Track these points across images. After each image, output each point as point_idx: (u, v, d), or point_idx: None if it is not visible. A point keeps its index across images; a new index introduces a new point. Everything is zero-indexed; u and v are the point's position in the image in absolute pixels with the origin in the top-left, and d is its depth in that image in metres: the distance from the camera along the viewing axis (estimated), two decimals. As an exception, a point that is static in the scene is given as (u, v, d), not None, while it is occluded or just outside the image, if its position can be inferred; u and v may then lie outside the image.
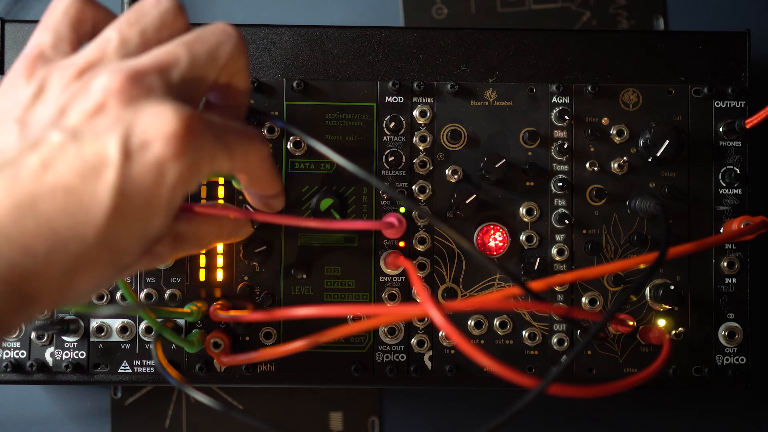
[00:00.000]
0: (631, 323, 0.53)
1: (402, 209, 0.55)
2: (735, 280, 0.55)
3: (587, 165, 0.55)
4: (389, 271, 0.55)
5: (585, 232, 0.55)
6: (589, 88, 0.55)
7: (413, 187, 0.55)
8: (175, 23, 0.40)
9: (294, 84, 0.55)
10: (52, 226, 0.33)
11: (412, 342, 0.55)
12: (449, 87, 0.55)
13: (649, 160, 0.55)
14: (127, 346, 0.55)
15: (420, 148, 0.55)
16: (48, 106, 0.36)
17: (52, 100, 0.36)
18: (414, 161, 0.55)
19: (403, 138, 0.55)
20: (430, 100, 0.56)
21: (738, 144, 0.56)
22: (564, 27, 0.68)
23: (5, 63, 0.55)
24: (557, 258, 0.55)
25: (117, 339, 0.55)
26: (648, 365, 0.42)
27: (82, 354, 0.55)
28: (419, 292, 0.44)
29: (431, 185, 0.55)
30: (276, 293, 0.55)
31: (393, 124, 0.55)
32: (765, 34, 0.66)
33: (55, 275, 0.33)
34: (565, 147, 0.55)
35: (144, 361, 0.55)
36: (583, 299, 0.55)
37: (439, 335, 0.55)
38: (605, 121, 0.55)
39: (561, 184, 0.55)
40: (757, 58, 0.63)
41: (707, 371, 0.55)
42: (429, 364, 0.55)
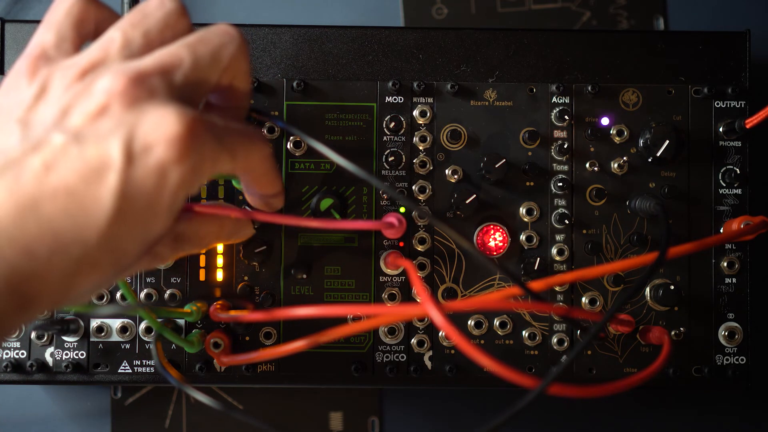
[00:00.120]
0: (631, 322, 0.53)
1: (402, 209, 0.55)
2: (735, 280, 0.55)
3: (587, 165, 0.55)
4: (389, 271, 0.55)
5: (585, 232, 0.55)
6: (589, 88, 0.55)
7: (413, 187, 0.55)
8: (178, 24, 0.40)
9: (294, 84, 0.55)
10: (53, 228, 0.33)
11: (412, 342, 0.55)
12: (449, 87, 0.55)
13: (649, 160, 0.55)
14: (127, 346, 0.55)
15: (420, 148, 0.55)
16: (50, 106, 0.36)
17: (54, 100, 0.36)
18: (414, 161, 0.55)
19: (403, 138, 0.55)
20: (430, 100, 0.56)
21: (738, 144, 0.56)
22: (564, 27, 0.68)
23: (5, 63, 0.55)
24: (557, 258, 0.55)
25: (117, 339, 0.55)
26: (648, 365, 0.42)
27: (82, 354, 0.55)
28: (419, 292, 0.44)
29: (431, 185, 0.55)
30: (276, 293, 0.55)
31: (393, 124, 0.55)
32: (765, 34, 0.66)
33: (56, 277, 0.33)
34: (565, 147, 0.55)
35: (144, 361, 0.55)
36: (583, 299, 0.55)
37: (439, 335, 0.55)
38: (605, 122, 0.55)
39: (561, 184, 0.55)
40: (757, 58, 0.63)
41: (707, 371, 0.55)
42: (429, 364, 0.55)
